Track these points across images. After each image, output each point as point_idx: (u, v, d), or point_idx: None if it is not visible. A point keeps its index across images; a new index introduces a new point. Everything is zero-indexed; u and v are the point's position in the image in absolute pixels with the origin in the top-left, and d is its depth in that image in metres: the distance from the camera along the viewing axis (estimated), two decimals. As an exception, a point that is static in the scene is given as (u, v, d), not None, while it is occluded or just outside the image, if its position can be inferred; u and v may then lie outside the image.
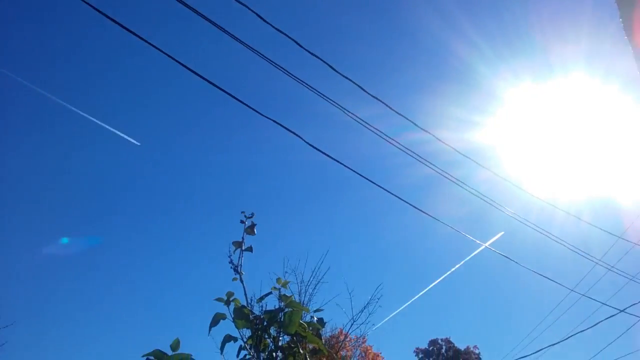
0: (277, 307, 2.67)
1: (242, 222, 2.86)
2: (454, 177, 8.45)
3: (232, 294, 2.66)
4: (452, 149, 8.35)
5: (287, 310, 2.60)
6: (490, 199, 9.33)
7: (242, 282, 2.73)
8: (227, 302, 2.64)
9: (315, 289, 15.83)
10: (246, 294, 2.70)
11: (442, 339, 36.31)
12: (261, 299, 2.78)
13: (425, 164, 7.84)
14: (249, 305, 2.68)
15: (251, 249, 2.83)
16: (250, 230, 2.84)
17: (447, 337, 36.15)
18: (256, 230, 2.86)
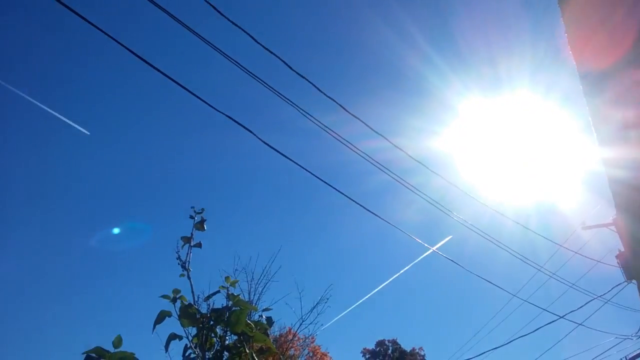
0: (224, 305, 2.61)
1: (192, 218, 2.79)
2: (408, 184, 8.64)
3: (179, 291, 2.58)
4: (409, 156, 8.53)
5: (234, 309, 2.55)
6: (441, 205, 9.60)
7: (190, 279, 2.66)
8: (174, 300, 2.56)
9: (265, 287, 15.76)
10: (193, 292, 2.63)
11: (389, 340, 37.02)
12: (209, 297, 2.72)
13: (383, 170, 7.98)
14: (196, 303, 2.61)
15: (200, 245, 2.76)
16: (199, 225, 2.77)
17: (394, 338, 36.92)
18: (206, 226, 2.79)
